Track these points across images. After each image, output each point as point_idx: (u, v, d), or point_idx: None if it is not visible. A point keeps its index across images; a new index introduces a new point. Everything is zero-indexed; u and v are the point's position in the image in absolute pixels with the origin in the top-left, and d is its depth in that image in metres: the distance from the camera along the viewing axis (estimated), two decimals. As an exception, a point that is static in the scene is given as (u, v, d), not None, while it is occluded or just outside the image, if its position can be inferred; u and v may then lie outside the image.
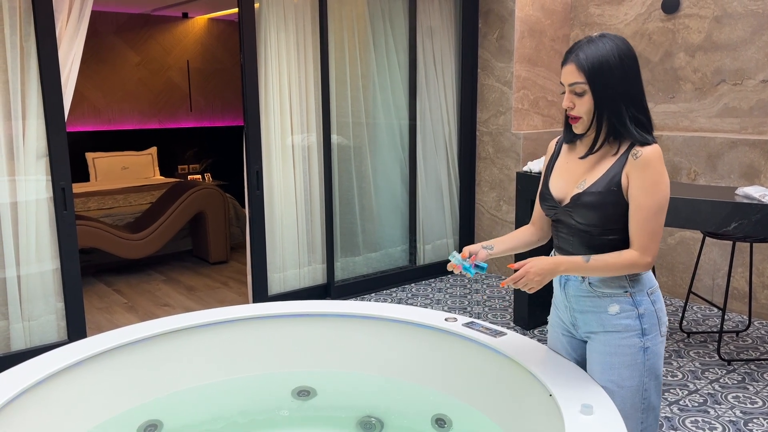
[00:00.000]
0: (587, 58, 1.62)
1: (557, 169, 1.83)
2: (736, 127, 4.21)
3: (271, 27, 4.09)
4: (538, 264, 1.66)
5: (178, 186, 5.66)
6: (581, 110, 1.66)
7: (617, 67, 1.62)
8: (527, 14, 4.78)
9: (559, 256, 1.70)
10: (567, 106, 1.68)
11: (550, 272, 1.67)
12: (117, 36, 7.24)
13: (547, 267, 1.67)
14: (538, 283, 1.67)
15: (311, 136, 4.39)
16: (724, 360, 3.48)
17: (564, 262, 1.68)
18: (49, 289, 3.48)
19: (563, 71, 1.67)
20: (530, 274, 1.65)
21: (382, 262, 4.93)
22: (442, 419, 2.21)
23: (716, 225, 3.08)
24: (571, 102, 1.67)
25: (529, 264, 1.66)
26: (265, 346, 2.47)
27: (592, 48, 1.63)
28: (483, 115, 5.07)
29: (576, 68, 1.63)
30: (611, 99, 1.63)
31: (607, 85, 1.62)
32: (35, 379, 1.94)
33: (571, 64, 1.64)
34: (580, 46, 1.65)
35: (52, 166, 3.38)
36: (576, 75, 1.64)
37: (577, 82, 1.64)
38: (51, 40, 3.28)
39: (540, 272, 1.66)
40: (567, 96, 1.68)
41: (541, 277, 1.66)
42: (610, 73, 1.61)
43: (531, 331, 3.94)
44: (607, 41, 1.63)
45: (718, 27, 4.23)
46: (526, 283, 1.66)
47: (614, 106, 1.63)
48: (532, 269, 1.66)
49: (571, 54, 1.65)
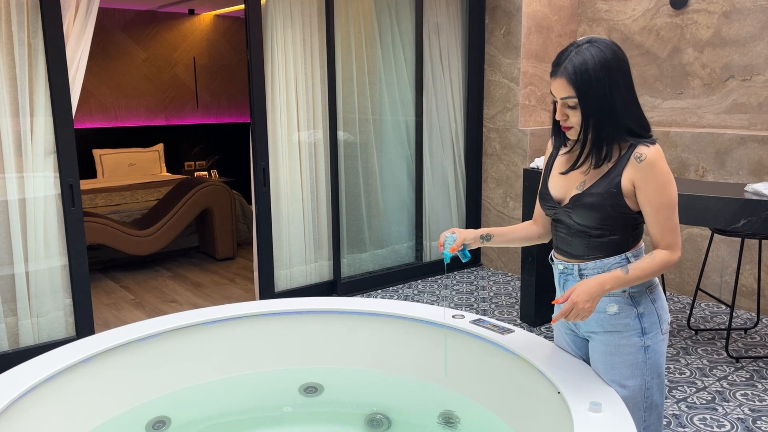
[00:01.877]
0: (576, 70, 1.59)
1: (556, 168, 1.82)
2: (745, 124, 4.19)
3: (277, 23, 4.08)
4: (583, 290, 1.61)
5: (185, 183, 5.67)
6: (574, 121, 1.65)
7: (605, 77, 1.58)
8: (534, 10, 4.76)
9: (601, 274, 1.64)
10: (560, 118, 1.66)
11: (598, 294, 1.61)
12: (124, 33, 7.25)
13: (593, 290, 1.61)
14: (589, 311, 1.60)
15: (318, 133, 4.38)
16: (732, 357, 3.46)
17: (608, 280, 1.62)
18: (57, 285, 3.50)
19: (554, 84, 1.64)
20: (580, 303, 1.59)
21: (389, 258, 4.93)
22: (449, 416, 2.20)
23: (725, 222, 3.07)
24: (564, 114, 1.65)
25: (575, 294, 1.61)
26: (272, 343, 2.48)
27: (579, 58, 1.59)
28: (490, 111, 5.06)
29: (567, 82, 1.61)
30: (601, 110, 1.60)
31: (596, 97, 1.59)
32: (44, 376, 1.94)
33: (561, 78, 1.61)
34: (568, 57, 1.61)
35: (60, 163, 3.39)
36: (567, 89, 1.61)
37: (569, 96, 1.62)
38: (58, 37, 3.29)
39: (588, 298, 1.60)
40: (560, 109, 1.66)
41: (590, 303, 1.60)
42: (599, 84, 1.58)
43: (538, 328, 3.93)
44: (594, 49, 1.59)
45: (726, 22, 4.20)
46: (578, 314, 1.60)
47: (604, 117, 1.61)
48: (579, 298, 1.60)
49: (560, 66, 1.62)
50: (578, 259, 1.76)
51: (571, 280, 1.79)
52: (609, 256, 1.72)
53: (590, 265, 1.74)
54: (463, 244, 1.87)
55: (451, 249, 1.85)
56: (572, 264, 1.78)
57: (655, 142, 1.64)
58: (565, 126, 1.68)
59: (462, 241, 1.87)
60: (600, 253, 1.72)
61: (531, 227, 1.96)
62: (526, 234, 1.96)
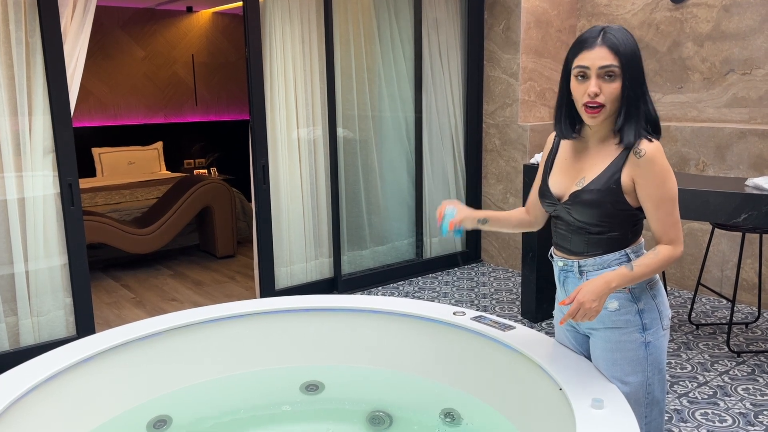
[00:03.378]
0: (620, 42, 1.57)
1: (557, 165, 1.81)
2: (745, 117, 4.18)
3: (276, 20, 4.07)
4: (589, 290, 1.60)
5: (185, 181, 5.67)
6: (608, 97, 1.58)
7: (640, 57, 1.60)
8: (533, 5, 4.74)
9: (606, 273, 1.64)
10: (594, 91, 1.57)
11: (604, 292, 1.60)
12: (122, 31, 7.23)
13: (599, 289, 1.60)
14: (596, 310, 1.59)
15: (317, 130, 4.37)
16: (733, 352, 3.46)
17: (613, 278, 1.61)
18: (58, 284, 3.50)
19: (591, 54, 1.57)
20: (586, 303, 1.59)
21: (389, 255, 4.93)
22: (451, 413, 2.20)
23: (726, 216, 3.06)
24: (598, 87, 1.58)
25: (581, 294, 1.60)
26: (273, 341, 2.47)
27: (620, 34, 1.59)
28: (489, 107, 5.05)
29: (609, 51, 1.57)
30: (638, 87, 1.60)
31: (636, 74, 1.59)
32: (45, 376, 1.94)
33: (603, 47, 1.57)
34: (607, 30, 1.59)
35: (59, 162, 3.38)
36: (610, 57, 1.56)
37: (611, 65, 1.57)
38: (56, 36, 3.28)
39: (594, 297, 1.59)
40: (594, 81, 1.58)
41: (597, 302, 1.59)
42: (638, 61, 1.59)
43: (538, 324, 3.93)
44: (625, 32, 1.61)
45: (726, 16, 4.18)
46: (585, 313, 1.59)
47: (639, 96, 1.60)
48: (585, 297, 1.59)
49: (597, 38, 1.58)
50: (578, 255, 1.76)
51: (571, 277, 1.78)
52: (609, 253, 1.71)
53: (590, 261, 1.73)
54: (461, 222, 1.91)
55: (449, 224, 1.89)
56: (572, 261, 1.77)
57: (654, 139, 1.63)
58: (594, 103, 1.58)
59: (460, 220, 1.91)
60: (600, 250, 1.72)
61: (523, 215, 1.99)
62: (518, 221, 1.99)
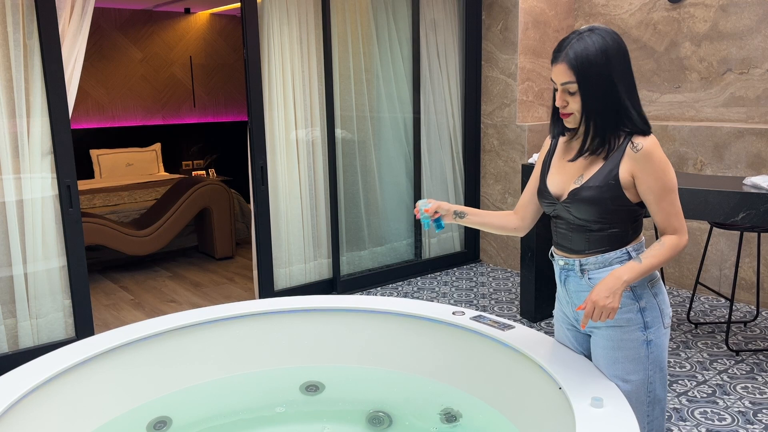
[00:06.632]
0: (577, 56, 1.60)
1: (554, 165, 1.82)
2: (743, 117, 4.18)
3: (273, 21, 4.07)
4: (600, 288, 1.62)
5: (183, 182, 5.66)
6: (574, 108, 1.66)
7: (605, 64, 1.59)
8: (531, 5, 4.75)
9: (615, 269, 1.65)
10: (560, 105, 1.67)
11: (616, 287, 1.61)
12: (120, 32, 7.23)
13: (610, 284, 1.61)
14: (612, 306, 1.60)
15: (315, 131, 4.37)
16: (732, 350, 3.46)
17: (624, 272, 1.63)
18: (56, 286, 3.49)
19: (554, 70, 1.66)
20: (600, 301, 1.60)
21: (388, 256, 4.93)
22: (451, 413, 2.20)
23: (724, 215, 3.07)
24: (564, 101, 1.66)
25: (593, 293, 1.62)
26: (272, 342, 2.47)
27: (581, 45, 1.60)
28: (487, 107, 5.05)
29: (567, 67, 1.62)
30: (601, 96, 1.61)
31: (596, 83, 1.60)
32: (44, 378, 1.94)
33: (562, 63, 1.62)
34: (570, 44, 1.62)
35: (57, 164, 3.38)
36: (567, 74, 1.62)
37: (569, 82, 1.62)
38: (54, 38, 3.28)
39: (607, 293, 1.60)
40: (560, 95, 1.67)
41: (611, 298, 1.60)
42: (599, 70, 1.59)
43: (538, 324, 3.93)
44: (595, 37, 1.60)
45: (724, 16, 4.19)
46: (601, 312, 1.60)
47: (604, 103, 1.62)
48: (597, 296, 1.61)
49: (561, 53, 1.63)
50: (579, 254, 1.76)
51: (572, 276, 1.79)
52: (610, 251, 1.71)
53: (591, 260, 1.73)
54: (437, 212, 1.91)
55: (426, 210, 1.89)
56: (573, 259, 1.77)
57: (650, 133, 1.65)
58: (564, 113, 1.69)
59: (436, 207, 1.90)
60: (601, 248, 1.72)
61: (508, 217, 1.97)
62: (500, 223, 1.97)
